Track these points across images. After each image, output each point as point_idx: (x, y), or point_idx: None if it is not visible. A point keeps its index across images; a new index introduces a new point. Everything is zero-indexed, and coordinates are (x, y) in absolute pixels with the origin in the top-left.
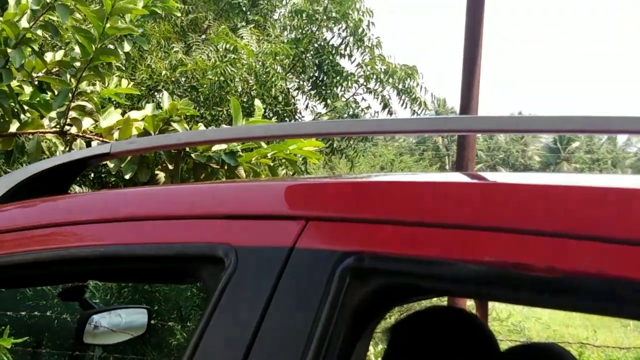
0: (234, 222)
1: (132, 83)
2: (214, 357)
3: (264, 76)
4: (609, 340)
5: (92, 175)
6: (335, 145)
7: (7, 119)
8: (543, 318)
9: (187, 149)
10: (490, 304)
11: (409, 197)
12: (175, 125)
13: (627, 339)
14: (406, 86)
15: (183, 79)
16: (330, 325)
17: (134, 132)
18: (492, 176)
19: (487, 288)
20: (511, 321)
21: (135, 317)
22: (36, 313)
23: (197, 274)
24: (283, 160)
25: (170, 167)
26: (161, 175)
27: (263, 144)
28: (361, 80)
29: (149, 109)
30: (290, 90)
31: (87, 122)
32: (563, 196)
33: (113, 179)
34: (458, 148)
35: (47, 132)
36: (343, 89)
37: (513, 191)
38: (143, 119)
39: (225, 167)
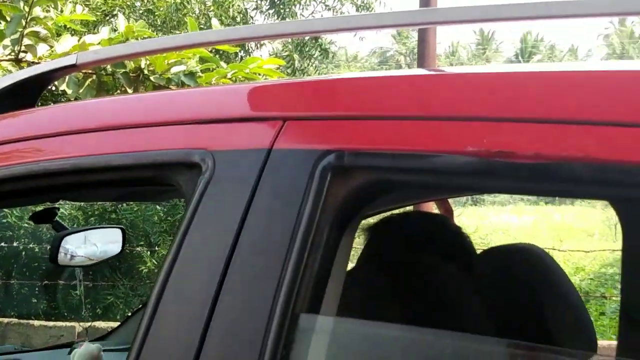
0: (209, 127)
1: (86, 9)
2: (196, 263)
3: None
4: (574, 247)
5: (51, 103)
6: (296, 65)
7: None
8: (510, 230)
9: (146, 71)
10: (457, 220)
11: (387, 91)
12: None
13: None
14: (365, 2)
15: (139, 3)
16: (312, 224)
17: None
18: (473, 69)
19: (471, 179)
20: (478, 234)
21: (109, 238)
22: (3, 244)
23: (173, 182)
24: (243, 79)
25: (130, 90)
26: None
27: (223, 64)
28: None
29: (104, 33)
30: (248, 10)
31: (42, 49)
32: (544, 81)
33: None
34: (418, 66)
35: (1, 60)
36: (301, 7)
37: (498, 79)
38: (99, 43)
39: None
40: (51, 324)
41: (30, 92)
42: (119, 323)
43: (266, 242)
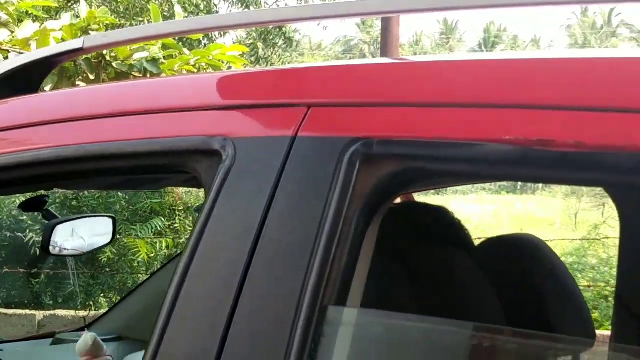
0: (230, 113)
1: None
2: (217, 255)
3: None
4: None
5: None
6: (260, 53)
7: None
8: (472, 219)
9: (108, 57)
10: None
11: (417, 78)
12: (93, 34)
13: (552, 235)
14: None
15: None
16: (341, 214)
17: (52, 42)
18: (504, 55)
19: (504, 168)
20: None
21: (99, 228)
22: None
23: (190, 170)
24: (206, 67)
25: (92, 77)
26: (82, 86)
27: (186, 51)
28: None
29: (66, 19)
30: None
31: (3, 34)
32: (578, 67)
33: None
34: (381, 55)
35: None
36: None
37: (531, 67)
38: (61, 29)
39: (148, 75)
40: (11, 312)
41: (32, 77)
42: (81, 312)
43: (292, 232)
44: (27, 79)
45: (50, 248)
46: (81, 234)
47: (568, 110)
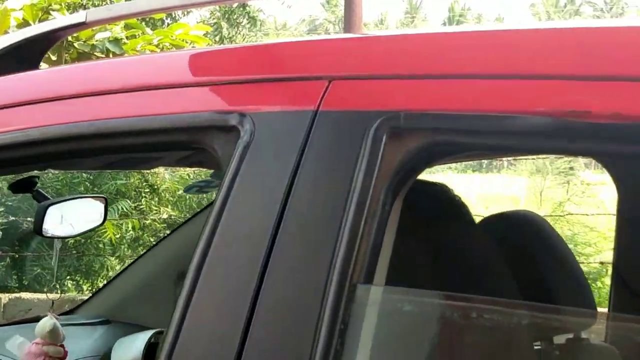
0: (246, 87)
1: None
2: (239, 234)
3: None
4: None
5: None
6: (224, 33)
7: None
8: None
9: (70, 38)
10: None
11: (443, 49)
12: (55, 14)
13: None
14: None
15: None
16: (368, 189)
17: (13, 22)
18: (531, 24)
19: (534, 140)
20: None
21: (90, 209)
22: None
23: (207, 146)
24: (170, 47)
25: (53, 57)
26: (44, 67)
27: (148, 30)
28: None
29: None
30: None
31: None
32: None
33: None
34: (345, 29)
35: None
36: None
37: (559, 35)
38: (21, 9)
39: (110, 55)
40: None
41: (32, 53)
42: (50, 295)
43: (317, 209)
44: (26, 55)
45: (43, 230)
46: (73, 215)
47: (599, 81)
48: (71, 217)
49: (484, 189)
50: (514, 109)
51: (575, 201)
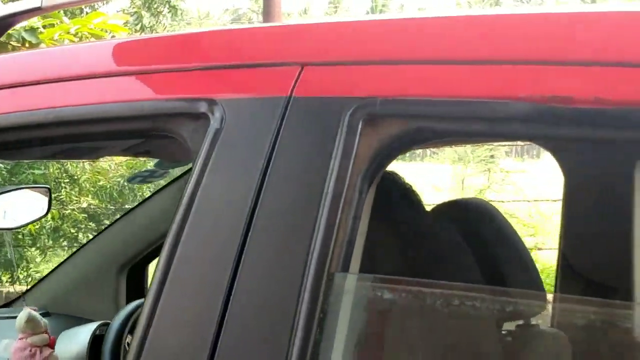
0: (215, 73)
1: None
2: (211, 225)
3: None
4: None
5: None
6: (144, 22)
7: None
8: None
9: None
10: None
11: (418, 35)
12: None
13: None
14: None
15: None
16: (345, 177)
17: None
18: (509, 10)
19: (514, 125)
20: None
21: (33, 200)
22: None
23: (175, 134)
24: (89, 36)
25: None
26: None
27: (65, 19)
28: None
29: None
30: None
31: None
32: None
33: None
34: (264, 19)
35: None
36: None
37: (541, 20)
38: None
39: (27, 45)
40: None
41: None
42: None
43: (292, 198)
44: None
45: None
46: (15, 207)
47: (582, 66)
48: (13, 209)
49: (408, 178)
50: (489, 94)
51: (495, 189)
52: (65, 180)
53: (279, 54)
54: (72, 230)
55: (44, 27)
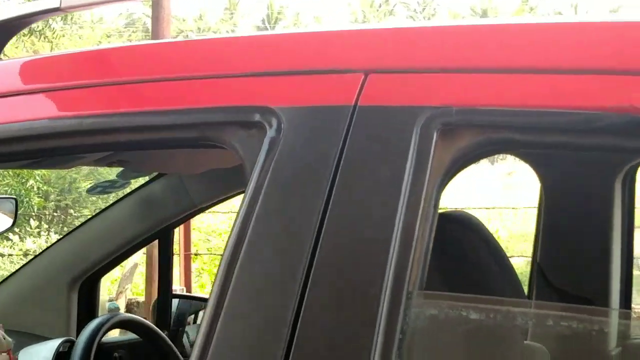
0: (270, 80)
1: None
2: (274, 237)
3: None
4: None
5: None
6: (32, 26)
7: None
8: None
9: None
10: None
11: (492, 41)
12: None
13: None
14: None
15: None
16: (421, 189)
17: None
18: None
19: (599, 136)
20: None
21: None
22: None
23: (225, 144)
24: None
25: None
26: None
27: None
28: None
29: None
30: None
31: None
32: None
33: None
34: (153, 30)
35: None
36: None
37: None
38: None
39: None
40: None
41: None
42: None
43: (364, 212)
44: None
45: None
46: None
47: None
48: None
49: None
50: (571, 104)
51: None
52: None
53: (341, 60)
54: None
55: None
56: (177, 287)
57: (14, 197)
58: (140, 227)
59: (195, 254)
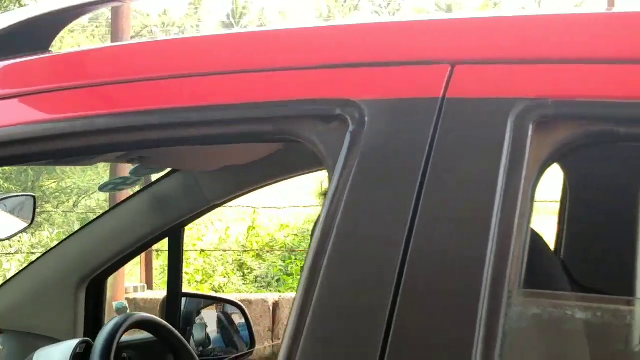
0: (350, 71)
1: None
2: (362, 234)
3: None
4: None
5: None
6: None
7: None
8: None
9: None
10: None
11: (587, 31)
12: None
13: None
14: None
15: None
16: (518, 185)
17: None
18: None
19: None
20: None
21: (20, 209)
22: None
23: (302, 138)
24: None
25: None
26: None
27: None
28: None
29: None
30: None
31: None
32: None
33: None
34: (112, 25)
35: None
36: None
37: None
38: None
39: None
40: None
41: (46, 31)
42: None
43: (458, 208)
44: (38, 34)
45: None
46: (1, 216)
47: None
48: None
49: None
50: None
51: None
52: None
53: (425, 51)
54: None
55: None
56: (138, 283)
57: (33, 194)
58: (151, 224)
59: (157, 251)
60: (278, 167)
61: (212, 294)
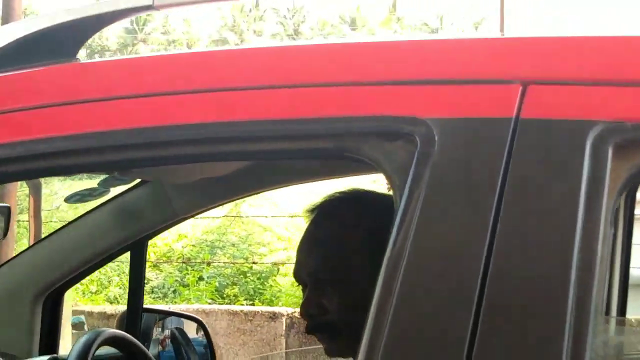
0: (418, 89)
1: None
2: (437, 257)
3: None
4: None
5: None
6: None
7: None
8: None
9: None
10: None
11: None
12: None
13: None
14: None
15: None
16: (599, 211)
17: None
18: None
19: None
20: None
21: None
22: None
23: (365, 156)
24: None
25: None
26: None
27: None
28: None
29: None
30: None
31: None
32: None
33: None
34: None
35: None
36: None
37: None
38: None
39: None
40: None
41: (73, 38)
42: None
43: (537, 232)
44: (65, 41)
45: None
46: None
47: None
48: None
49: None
50: None
51: (251, 203)
52: None
53: (495, 70)
54: None
55: None
56: None
57: (7, 205)
58: (115, 237)
59: None
60: (249, 181)
61: (170, 308)
